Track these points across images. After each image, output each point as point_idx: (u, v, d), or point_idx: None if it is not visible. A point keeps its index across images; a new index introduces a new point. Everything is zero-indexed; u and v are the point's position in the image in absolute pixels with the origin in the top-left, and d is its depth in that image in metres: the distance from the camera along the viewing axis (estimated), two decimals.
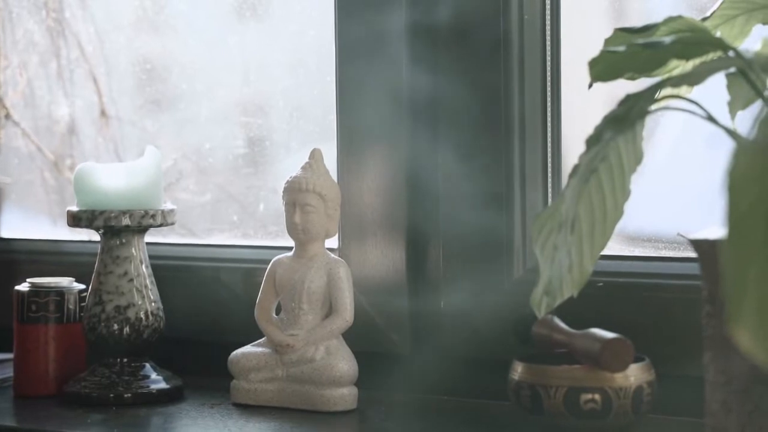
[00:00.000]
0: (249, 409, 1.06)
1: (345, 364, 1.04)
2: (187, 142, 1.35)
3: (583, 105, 1.12)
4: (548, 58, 1.08)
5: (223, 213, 1.32)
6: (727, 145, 1.01)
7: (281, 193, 1.08)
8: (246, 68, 1.32)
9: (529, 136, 1.08)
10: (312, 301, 1.05)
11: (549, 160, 1.08)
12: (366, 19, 1.12)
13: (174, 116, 1.37)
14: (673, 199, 1.08)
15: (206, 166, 1.34)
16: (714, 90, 0.85)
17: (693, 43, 0.82)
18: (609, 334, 0.90)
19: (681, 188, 1.08)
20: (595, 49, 0.84)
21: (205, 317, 1.21)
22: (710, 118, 0.80)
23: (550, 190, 1.08)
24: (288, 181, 1.07)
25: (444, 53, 1.09)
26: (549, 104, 1.08)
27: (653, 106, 0.83)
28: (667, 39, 0.80)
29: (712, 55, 0.85)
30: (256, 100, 1.32)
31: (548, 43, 1.08)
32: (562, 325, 0.96)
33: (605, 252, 0.88)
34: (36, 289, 1.14)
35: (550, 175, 1.08)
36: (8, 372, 1.18)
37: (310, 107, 1.27)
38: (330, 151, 1.11)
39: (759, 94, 0.79)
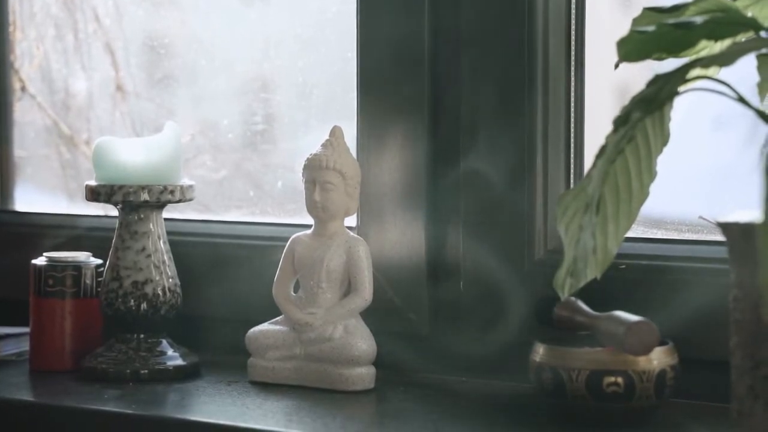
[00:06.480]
0: (266, 387, 1.05)
1: (363, 343, 1.03)
2: (205, 118, 1.34)
3: (606, 81, 1.11)
4: (572, 32, 1.07)
5: (239, 190, 1.31)
6: (746, 126, 1.01)
7: (300, 171, 1.07)
8: (265, 44, 1.31)
9: (552, 114, 1.07)
10: (331, 279, 1.05)
11: (572, 140, 1.07)
12: None
13: (191, 92, 1.36)
14: (694, 181, 1.07)
15: (223, 142, 1.33)
16: (741, 71, 0.83)
17: (724, 23, 0.80)
18: (633, 317, 0.90)
19: (700, 170, 1.07)
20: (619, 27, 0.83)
21: (223, 294, 1.20)
22: (741, 100, 0.79)
23: (572, 171, 1.07)
24: (308, 159, 1.06)
25: (467, 28, 1.08)
26: (573, 82, 1.07)
27: (682, 87, 0.82)
28: (699, 19, 0.79)
29: (742, 36, 0.84)
30: (275, 76, 1.31)
31: (573, 19, 1.07)
32: (585, 307, 0.95)
33: (628, 234, 0.88)
34: (53, 264, 1.13)
35: (572, 156, 1.07)
36: (24, 346, 1.18)
37: (330, 84, 1.26)
38: (349, 129, 1.10)
39: None
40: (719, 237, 0.80)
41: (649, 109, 0.82)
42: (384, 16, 1.12)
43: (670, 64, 0.83)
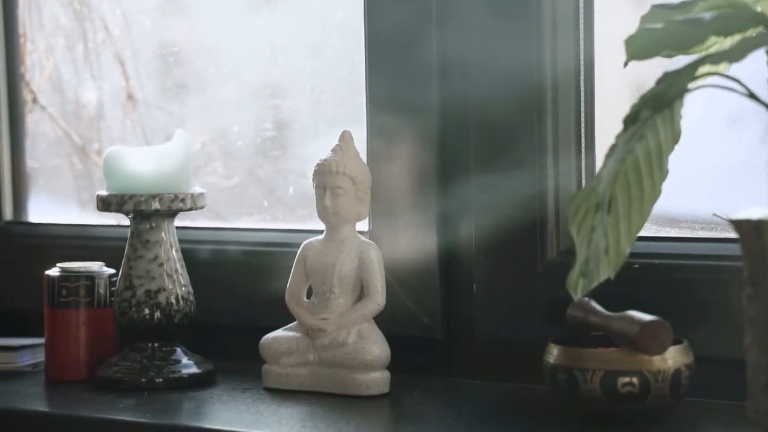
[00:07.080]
0: (281, 393, 1.05)
1: (377, 347, 1.03)
2: (215, 125, 1.34)
3: (617, 82, 1.11)
4: (581, 33, 1.06)
5: (251, 197, 1.31)
6: (760, 123, 1.00)
7: (311, 176, 1.07)
8: (273, 50, 1.31)
9: (562, 114, 1.06)
10: (343, 284, 1.05)
11: (582, 140, 1.07)
12: (395, 0, 1.11)
13: (201, 100, 1.36)
14: (707, 178, 1.07)
15: (234, 149, 1.33)
16: (751, 67, 0.83)
17: (734, 18, 0.80)
18: (647, 317, 0.89)
19: (713, 168, 1.07)
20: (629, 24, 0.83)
21: (236, 301, 1.20)
22: (752, 96, 0.79)
23: (584, 171, 1.07)
24: (318, 164, 1.06)
25: (475, 31, 1.08)
26: (582, 82, 1.06)
27: (692, 84, 0.82)
28: (708, 15, 0.79)
29: (751, 31, 0.83)
30: (284, 82, 1.31)
31: (581, 16, 1.06)
32: (598, 307, 0.94)
33: (641, 233, 0.87)
34: (66, 274, 1.14)
35: (584, 156, 1.07)
36: (40, 357, 1.18)
37: (339, 89, 1.25)
38: (359, 134, 1.10)
39: None
40: (733, 234, 0.79)
41: (658, 107, 0.82)
42: (391, 20, 1.11)
43: (680, 61, 0.83)
